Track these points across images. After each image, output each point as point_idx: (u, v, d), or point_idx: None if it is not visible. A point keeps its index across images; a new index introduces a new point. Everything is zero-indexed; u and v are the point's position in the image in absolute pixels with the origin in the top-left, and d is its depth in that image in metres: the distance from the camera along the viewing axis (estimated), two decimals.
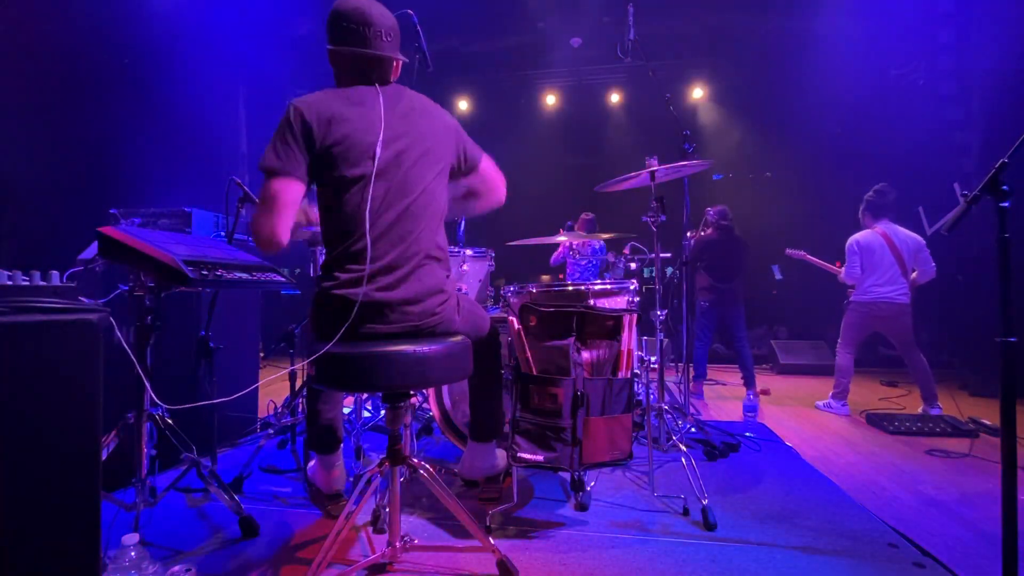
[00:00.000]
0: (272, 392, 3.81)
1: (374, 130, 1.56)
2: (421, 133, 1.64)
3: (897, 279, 3.68)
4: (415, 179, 1.60)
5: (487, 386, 2.02)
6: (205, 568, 1.62)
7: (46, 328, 1.07)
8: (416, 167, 1.60)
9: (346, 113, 1.54)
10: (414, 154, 1.61)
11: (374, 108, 1.58)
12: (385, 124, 1.56)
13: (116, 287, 1.88)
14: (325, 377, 1.48)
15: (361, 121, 1.55)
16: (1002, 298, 1.31)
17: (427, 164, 1.63)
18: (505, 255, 3.42)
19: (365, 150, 1.54)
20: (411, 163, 1.60)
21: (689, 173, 2.85)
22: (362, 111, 1.57)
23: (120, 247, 1.56)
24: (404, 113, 1.63)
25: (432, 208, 1.64)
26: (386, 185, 1.55)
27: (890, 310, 3.68)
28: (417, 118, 1.66)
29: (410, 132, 1.62)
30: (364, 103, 1.59)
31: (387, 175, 1.56)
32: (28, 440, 1.05)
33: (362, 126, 1.55)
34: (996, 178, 1.30)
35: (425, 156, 1.63)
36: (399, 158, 1.59)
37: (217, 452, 2.49)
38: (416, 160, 1.61)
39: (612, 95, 7.33)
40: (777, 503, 2.13)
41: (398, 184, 1.57)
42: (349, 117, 1.54)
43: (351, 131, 1.53)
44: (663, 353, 2.72)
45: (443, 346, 1.51)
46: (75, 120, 5.14)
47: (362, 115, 1.56)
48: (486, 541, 1.58)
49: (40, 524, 1.06)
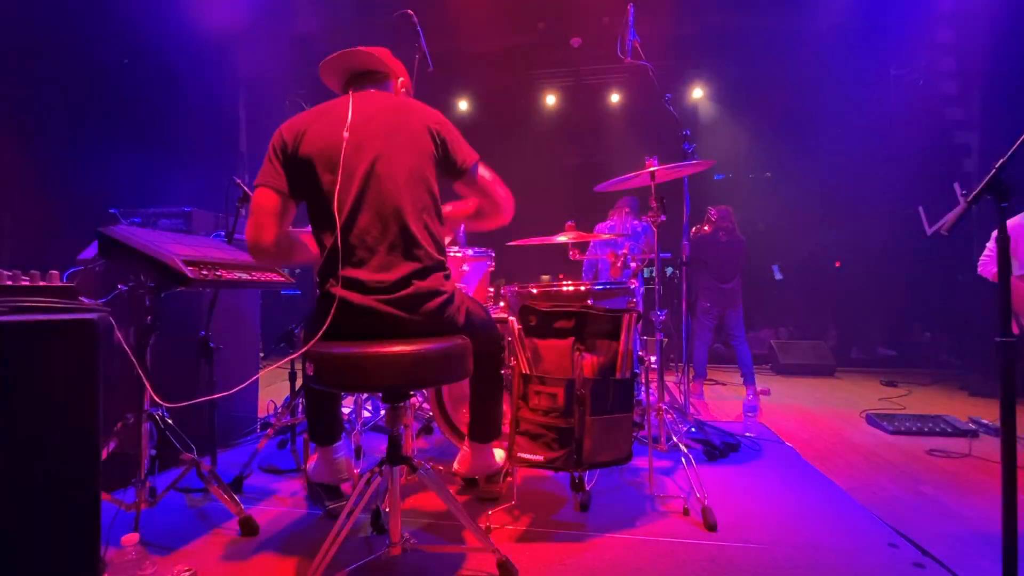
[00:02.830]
0: (272, 392, 3.81)
1: (338, 135, 1.61)
2: (390, 130, 1.66)
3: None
4: (389, 177, 1.61)
5: (488, 387, 2.02)
6: (205, 568, 1.62)
7: (46, 328, 1.07)
8: (389, 165, 1.62)
9: (315, 124, 1.65)
10: (386, 153, 1.62)
11: (341, 116, 1.66)
12: (350, 126, 1.62)
13: (116, 287, 1.88)
14: (325, 377, 1.48)
15: (328, 128, 1.63)
16: (1002, 298, 1.31)
17: (400, 161, 1.63)
18: (505, 255, 3.42)
19: (332, 155, 1.60)
20: (384, 161, 1.61)
21: (689, 173, 2.85)
22: (329, 119, 1.66)
23: (120, 247, 1.56)
24: (371, 115, 1.67)
25: (414, 204, 1.63)
26: (358, 186, 1.58)
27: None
28: (387, 116, 1.69)
29: (378, 132, 1.64)
30: (332, 112, 1.68)
31: (356, 176, 1.59)
32: (28, 440, 1.05)
33: (328, 132, 1.63)
34: (996, 178, 1.30)
35: (398, 153, 1.64)
36: (367, 158, 1.61)
37: (217, 452, 2.49)
38: (389, 158, 1.62)
39: (612, 95, 7.32)
40: (777, 503, 2.13)
41: (371, 184, 1.59)
42: (317, 126, 1.64)
43: (317, 138, 1.62)
44: (663, 353, 2.72)
45: (443, 346, 1.51)
46: (75, 120, 5.14)
47: (329, 123, 1.64)
48: (486, 541, 1.58)
49: (40, 524, 1.06)
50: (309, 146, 1.62)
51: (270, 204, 1.64)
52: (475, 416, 2.05)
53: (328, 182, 1.60)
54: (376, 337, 1.51)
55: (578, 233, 3.19)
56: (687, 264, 3.28)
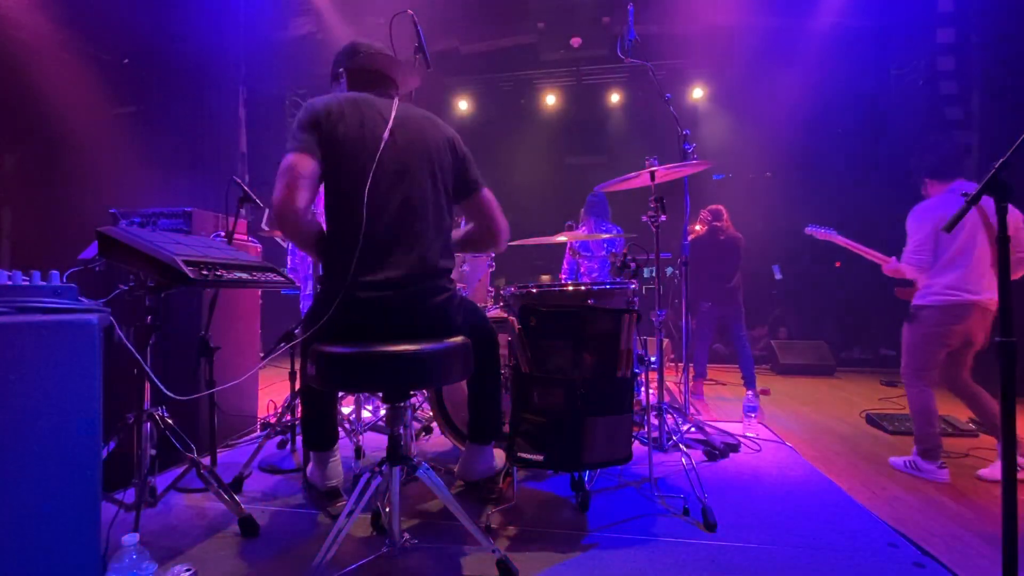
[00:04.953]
0: (272, 392, 3.81)
1: (376, 132, 1.61)
2: (423, 138, 1.69)
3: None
4: (417, 184, 1.64)
5: (485, 387, 2.02)
6: (205, 568, 1.62)
7: (46, 328, 1.07)
8: (418, 172, 1.65)
9: (351, 112, 1.62)
10: (416, 160, 1.66)
11: (380, 113, 1.65)
12: (391, 128, 1.62)
13: (116, 287, 1.87)
14: (326, 377, 1.48)
15: (366, 121, 1.62)
16: (1002, 298, 1.31)
17: (428, 169, 1.68)
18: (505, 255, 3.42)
19: (367, 149, 1.59)
20: (414, 167, 1.65)
21: (689, 173, 2.85)
22: (367, 112, 1.64)
23: (120, 247, 1.56)
24: (407, 121, 1.69)
25: (434, 212, 1.67)
26: (388, 187, 1.59)
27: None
28: (420, 124, 1.72)
29: (413, 139, 1.67)
30: (369, 105, 1.66)
31: (387, 177, 1.60)
32: (28, 440, 1.05)
33: (366, 125, 1.61)
34: (996, 178, 1.30)
35: (426, 162, 1.68)
36: (401, 161, 1.63)
37: (217, 452, 2.49)
38: (419, 166, 1.66)
39: (612, 95, 7.32)
40: (777, 503, 2.13)
41: (399, 188, 1.61)
42: (354, 115, 1.61)
43: (355, 127, 1.60)
44: (663, 353, 2.72)
45: (444, 346, 1.51)
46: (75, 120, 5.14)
47: (368, 116, 1.63)
48: (486, 541, 1.58)
49: (40, 524, 1.06)
50: (346, 132, 1.59)
51: (307, 168, 1.56)
52: (474, 415, 2.05)
53: (356, 175, 1.57)
54: (381, 335, 1.51)
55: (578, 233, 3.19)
56: (687, 264, 3.28)
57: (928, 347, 2.57)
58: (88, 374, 1.12)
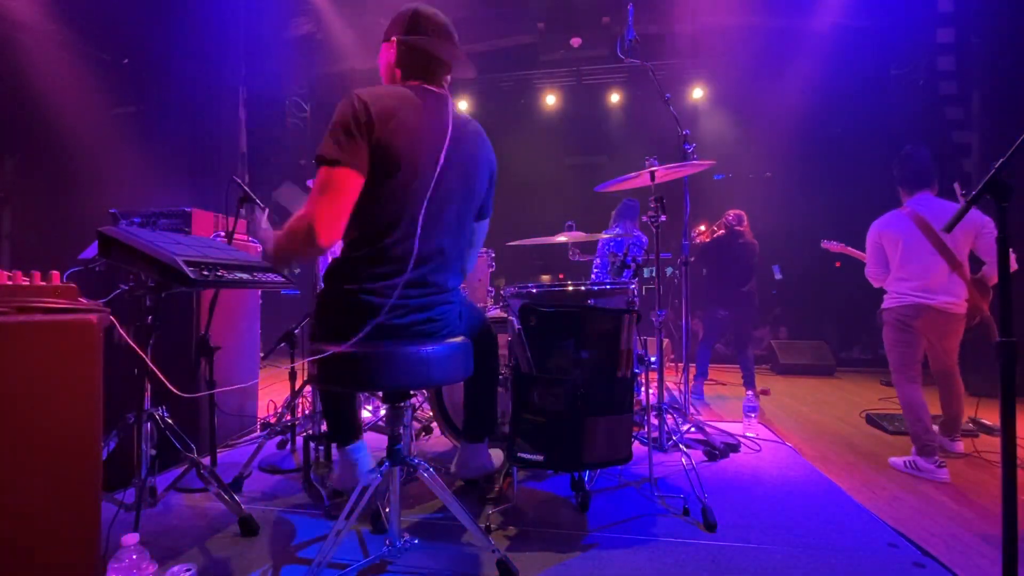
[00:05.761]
0: (272, 392, 3.81)
1: (435, 142, 1.54)
2: (473, 158, 1.67)
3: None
4: (465, 201, 1.64)
5: (482, 386, 2.01)
6: (205, 568, 1.62)
7: (46, 328, 1.07)
8: (467, 194, 1.65)
9: (403, 112, 1.48)
10: (465, 183, 1.64)
11: (439, 116, 1.57)
12: (450, 141, 1.55)
13: (116, 287, 1.88)
14: (328, 377, 1.48)
15: (422, 127, 1.52)
16: (1002, 298, 1.30)
17: (471, 191, 1.67)
18: (505, 255, 3.42)
19: (425, 158, 1.52)
20: (464, 189, 1.63)
21: (689, 173, 2.85)
22: (423, 115, 1.53)
23: (120, 247, 1.55)
24: (462, 134, 1.62)
25: (464, 234, 1.68)
26: (442, 205, 1.56)
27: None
28: (475, 140, 1.68)
29: (465, 159, 1.63)
30: (423, 106, 1.54)
31: (442, 192, 1.55)
32: (28, 440, 1.05)
33: (422, 132, 1.52)
34: (996, 178, 1.30)
35: (469, 186, 1.66)
36: (457, 179, 1.60)
37: (217, 452, 2.49)
38: (468, 187, 1.65)
39: (612, 95, 7.32)
40: (777, 503, 2.13)
41: (450, 206, 1.59)
42: (409, 118, 1.49)
43: (411, 132, 1.49)
44: (663, 353, 2.72)
45: (445, 346, 1.51)
46: (75, 120, 5.14)
47: (424, 121, 1.53)
48: (486, 541, 1.58)
49: (40, 524, 1.06)
50: (399, 136, 1.45)
51: (354, 189, 1.41)
52: (469, 414, 2.04)
53: (408, 185, 1.48)
54: (384, 338, 1.50)
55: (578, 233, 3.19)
56: (688, 263, 3.28)
57: (897, 346, 2.73)
58: (88, 374, 1.12)
